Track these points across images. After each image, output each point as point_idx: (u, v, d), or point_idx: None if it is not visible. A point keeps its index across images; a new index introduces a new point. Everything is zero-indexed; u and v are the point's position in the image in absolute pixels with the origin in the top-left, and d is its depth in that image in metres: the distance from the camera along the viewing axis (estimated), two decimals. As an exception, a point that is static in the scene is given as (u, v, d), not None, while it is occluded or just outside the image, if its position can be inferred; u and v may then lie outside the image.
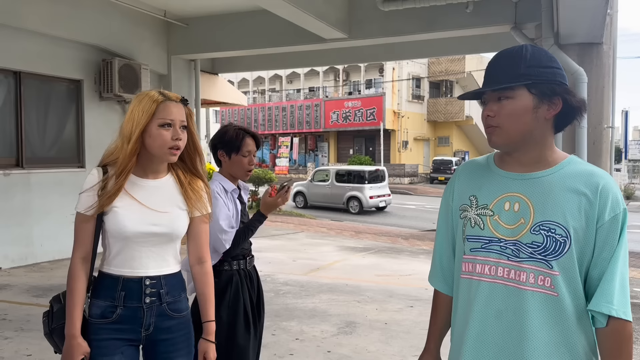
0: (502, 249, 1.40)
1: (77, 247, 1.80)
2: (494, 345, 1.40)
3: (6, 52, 6.66)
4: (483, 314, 1.41)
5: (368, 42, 7.82)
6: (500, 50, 1.47)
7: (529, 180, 1.42)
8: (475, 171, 1.54)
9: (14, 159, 6.96)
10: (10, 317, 4.75)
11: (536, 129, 1.41)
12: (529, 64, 1.38)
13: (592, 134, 5.78)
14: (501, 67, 1.42)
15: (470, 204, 1.48)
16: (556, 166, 1.42)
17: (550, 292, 1.35)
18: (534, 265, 1.36)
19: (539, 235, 1.36)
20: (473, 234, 1.46)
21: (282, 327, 4.61)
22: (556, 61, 1.42)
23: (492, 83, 1.42)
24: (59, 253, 7.31)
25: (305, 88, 34.35)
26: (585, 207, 1.36)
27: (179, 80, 8.95)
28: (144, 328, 1.80)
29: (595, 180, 1.38)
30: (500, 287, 1.40)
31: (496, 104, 1.42)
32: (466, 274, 1.47)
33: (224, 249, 2.35)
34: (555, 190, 1.38)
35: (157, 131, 1.76)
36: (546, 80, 1.38)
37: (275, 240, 9.64)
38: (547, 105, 1.39)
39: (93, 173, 1.82)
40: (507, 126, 1.41)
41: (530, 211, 1.39)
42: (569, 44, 5.81)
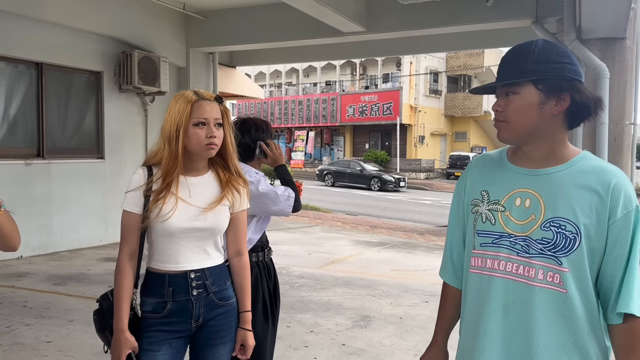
0: (512, 245, 1.40)
1: (123, 244, 1.86)
2: (502, 340, 1.40)
3: (28, 44, 6.76)
4: (491, 309, 1.42)
5: (386, 35, 7.78)
6: (514, 46, 1.47)
7: (540, 176, 1.42)
8: (487, 166, 1.54)
9: (35, 149, 7.08)
10: (31, 305, 4.85)
11: (543, 125, 1.40)
12: (536, 59, 1.38)
13: (613, 131, 5.69)
14: (510, 62, 1.43)
15: (482, 199, 1.49)
16: (568, 162, 1.41)
17: (559, 289, 1.35)
18: (544, 261, 1.36)
19: (549, 232, 1.36)
20: (484, 229, 1.46)
21: (297, 320, 4.64)
22: (567, 56, 1.40)
23: (501, 78, 1.43)
24: (78, 242, 7.44)
25: (322, 82, 34.30)
26: (597, 204, 1.35)
27: (197, 73, 9.00)
28: (194, 319, 1.87)
29: (608, 177, 1.37)
30: (509, 282, 1.40)
31: (504, 99, 1.43)
32: (476, 268, 1.47)
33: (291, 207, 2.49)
34: (567, 186, 1.38)
35: (192, 130, 1.82)
36: (554, 76, 1.37)
37: (290, 234, 9.68)
38: (555, 101, 1.38)
39: (139, 172, 1.87)
40: (513, 121, 1.41)
41: (541, 207, 1.38)
42: (591, 38, 5.72)
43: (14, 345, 3.86)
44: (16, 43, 6.63)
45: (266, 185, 2.44)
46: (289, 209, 2.48)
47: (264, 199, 2.42)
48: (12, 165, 6.69)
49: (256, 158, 2.57)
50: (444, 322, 1.64)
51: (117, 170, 7.93)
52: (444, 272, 1.66)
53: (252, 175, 2.47)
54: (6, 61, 6.71)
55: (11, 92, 6.82)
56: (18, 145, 6.94)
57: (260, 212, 2.47)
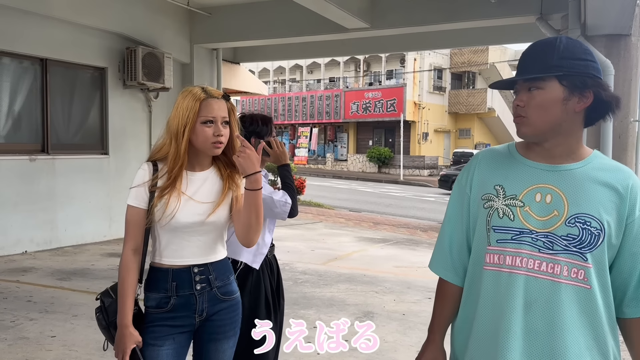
0: (534, 241, 1.39)
1: (128, 239, 1.86)
2: (523, 338, 1.38)
3: (33, 40, 6.78)
4: (513, 306, 1.39)
5: (390, 32, 7.77)
6: (535, 41, 1.46)
7: (560, 172, 1.41)
8: (497, 160, 1.51)
9: (40, 145, 7.10)
10: (36, 299, 4.87)
11: (565, 121, 1.40)
12: (561, 55, 1.37)
13: (617, 128, 5.67)
14: (534, 57, 1.42)
15: (497, 193, 1.45)
16: (585, 159, 1.42)
17: (584, 285, 1.36)
18: (569, 257, 1.36)
19: (575, 228, 1.36)
20: (501, 225, 1.43)
21: (300, 315, 4.65)
22: (591, 54, 1.41)
23: (524, 73, 1.42)
24: (82, 238, 7.46)
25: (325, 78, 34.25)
26: (617, 202, 1.37)
27: (201, 69, 9.01)
28: (198, 314, 1.88)
29: (626, 177, 1.40)
30: (532, 279, 1.38)
31: (526, 94, 1.42)
32: (492, 265, 1.44)
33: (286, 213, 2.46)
34: (587, 183, 1.39)
35: (200, 128, 1.83)
36: (578, 73, 1.37)
37: (294, 230, 9.69)
38: (578, 97, 1.38)
39: (144, 168, 1.87)
40: (535, 117, 1.40)
41: (564, 203, 1.38)
42: (596, 35, 5.70)
43: (18, 339, 3.88)
44: (21, 39, 6.65)
45: (264, 189, 2.40)
46: (284, 214, 2.46)
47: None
48: (17, 160, 6.72)
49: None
50: (442, 321, 1.60)
51: (121, 166, 7.95)
52: (441, 268, 1.60)
53: None
54: (11, 57, 6.73)
55: (16, 88, 6.84)
56: (23, 140, 6.96)
57: None
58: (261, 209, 1.86)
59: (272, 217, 2.48)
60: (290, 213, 2.48)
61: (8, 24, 6.48)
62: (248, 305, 2.41)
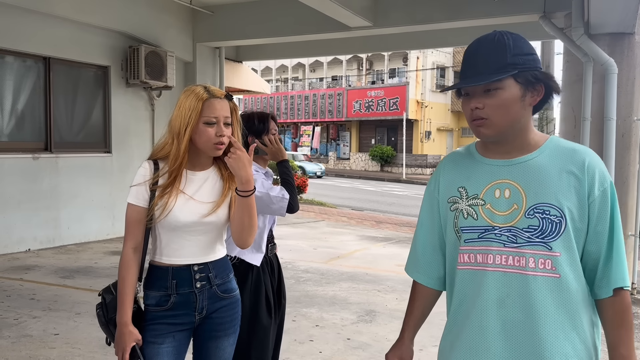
0: (498, 237, 1.41)
1: (128, 238, 1.86)
2: (502, 333, 1.39)
3: (36, 38, 6.79)
4: (486, 303, 1.41)
5: (393, 30, 7.76)
6: (477, 39, 1.44)
7: (516, 165, 1.43)
8: (459, 162, 1.54)
9: (43, 143, 7.12)
10: (39, 297, 4.89)
11: (523, 117, 1.42)
12: (513, 52, 1.38)
13: (621, 127, 5.65)
14: (485, 57, 1.40)
15: (461, 195, 1.49)
16: (539, 148, 1.43)
17: (553, 275, 1.37)
18: (533, 249, 1.37)
19: (535, 219, 1.37)
20: (468, 225, 1.45)
21: (302, 314, 4.65)
22: (532, 47, 1.42)
23: (477, 75, 1.39)
24: (85, 236, 7.49)
25: (328, 77, 34.24)
26: (575, 185, 1.38)
27: (204, 67, 9.01)
28: (197, 312, 1.88)
29: (581, 157, 1.40)
30: (502, 274, 1.40)
31: (484, 96, 1.40)
32: (465, 264, 1.46)
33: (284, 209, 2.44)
34: (543, 172, 1.40)
35: (203, 128, 1.82)
36: (529, 68, 1.39)
37: (296, 228, 9.70)
38: (532, 92, 1.41)
39: (145, 166, 1.87)
40: (497, 117, 1.40)
41: (522, 196, 1.40)
42: (599, 33, 5.68)
43: (22, 337, 3.90)
44: (24, 37, 6.66)
45: (262, 186, 2.40)
46: (282, 210, 2.44)
47: (258, 201, 2.39)
48: (20, 159, 6.73)
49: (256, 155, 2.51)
50: (411, 320, 1.64)
51: (124, 165, 7.97)
52: (414, 270, 1.65)
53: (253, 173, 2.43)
54: (14, 55, 6.75)
55: (19, 87, 6.86)
56: (26, 139, 6.98)
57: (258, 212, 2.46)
58: (254, 210, 1.86)
59: (271, 213, 2.47)
60: (289, 209, 2.46)
61: (11, 22, 6.50)
62: (248, 304, 2.41)
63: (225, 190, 1.91)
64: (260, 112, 2.58)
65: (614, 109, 5.54)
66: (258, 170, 2.48)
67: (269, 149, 2.51)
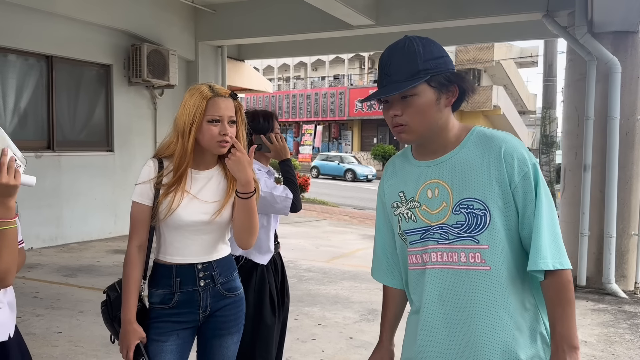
0: (433, 235, 1.45)
1: (133, 236, 1.87)
2: (444, 328, 1.44)
3: (39, 37, 6.80)
4: (429, 300, 1.46)
5: (396, 29, 7.73)
6: (389, 47, 1.47)
7: (441, 164, 1.47)
8: (399, 166, 1.59)
9: (45, 142, 7.13)
10: (42, 295, 4.90)
11: (441, 119, 1.45)
12: (424, 58, 1.41)
13: (624, 126, 5.63)
14: (397, 65, 1.42)
15: (401, 200, 1.54)
16: (461, 143, 1.46)
17: (483, 267, 1.39)
18: (463, 244, 1.41)
19: (461, 214, 1.41)
20: (409, 228, 1.50)
21: (304, 313, 4.65)
22: (443, 49, 1.46)
23: (392, 83, 1.42)
24: (87, 235, 7.49)
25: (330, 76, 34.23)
26: (495, 175, 1.39)
27: (206, 66, 9.00)
28: (201, 310, 1.88)
29: (497, 145, 1.41)
30: (439, 271, 1.44)
31: (401, 103, 1.43)
32: (413, 265, 1.52)
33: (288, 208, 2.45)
34: (465, 167, 1.43)
35: (207, 126, 1.82)
36: (441, 71, 1.41)
37: (298, 227, 9.70)
38: (446, 94, 1.44)
39: (149, 165, 1.87)
40: (415, 123, 1.44)
41: (449, 193, 1.43)
42: (603, 32, 5.65)
43: (25, 335, 3.87)
44: (27, 36, 6.66)
45: (265, 185, 2.40)
46: (285, 209, 2.45)
47: (262, 200, 2.39)
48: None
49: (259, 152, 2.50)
50: (386, 322, 1.68)
51: (126, 163, 7.97)
52: (379, 274, 1.68)
53: (255, 171, 2.43)
54: (17, 54, 6.75)
55: (22, 85, 6.86)
56: (28, 137, 6.98)
57: (262, 211, 2.45)
58: (254, 212, 1.87)
59: (274, 212, 2.47)
60: (292, 208, 2.47)
61: (14, 21, 6.50)
62: (253, 302, 2.41)
63: (230, 190, 1.90)
64: (265, 111, 2.58)
65: (617, 108, 5.52)
66: (260, 169, 2.48)
67: (273, 146, 2.51)
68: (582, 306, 5.18)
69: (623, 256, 5.74)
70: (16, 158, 1.54)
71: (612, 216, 5.57)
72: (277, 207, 2.43)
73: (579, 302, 5.31)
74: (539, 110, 22.08)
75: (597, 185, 5.69)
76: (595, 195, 5.70)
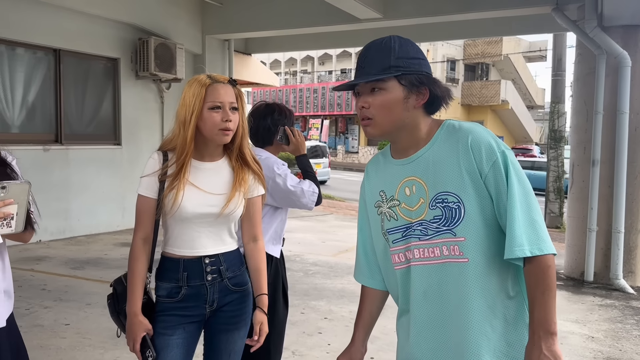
0: (414, 232, 1.46)
1: (138, 229, 1.86)
2: (429, 323, 1.46)
3: (47, 30, 6.81)
4: (415, 297, 1.48)
5: (403, 22, 7.69)
6: (370, 42, 1.49)
7: (415, 161, 1.48)
8: (378, 166, 1.60)
9: (53, 135, 7.16)
10: (50, 288, 4.93)
11: (407, 118, 1.46)
12: (397, 55, 1.43)
13: (634, 120, 5.59)
14: (372, 59, 1.46)
15: (382, 199, 1.55)
16: (432, 139, 1.47)
17: (461, 260, 1.40)
18: (441, 237, 1.42)
19: (437, 209, 1.42)
20: (391, 227, 1.51)
21: (310, 306, 4.66)
22: (421, 52, 1.47)
23: (363, 75, 1.45)
24: (95, 227, 7.54)
25: (337, 70, 34.13)
26: (465, 166, 1.40)
27: (213, 60, 9.00)
28: (208, 304, 1.88)
29: (464, 136, 1.42)
30: (423, 268, 1.46)
31: (370, 95, 1.46)
32: (398, 264, 1.52)
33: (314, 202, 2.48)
34: (438, 162, 1.44)
35: (208, 114, 1.81)
36: (414, 72, 1.43)
37: (304, 222, 9.70)
38: (416, 95, 1.44)
39: (154, 157, 1.87)
40: (380, 117, 1.45)
41: (424, 189, 1.45)
42: (612, 26, 5.60)
43: (33, 327, 3.94)
44: (35, 29, 6.68)
45: (293, 180, 2.42)
46: (312, 204, 2.48)
47: (291, 195, 2.41)
48: (31, 150, 6.78)
49: (276, 143, 2.51)
50: (361, 322, 1.70)
51: (134, 157, 8.00)
52: (359, 275, 1.70)
53: (280, 167, 2.43)
54: (25, 47, 6.78)
55: (30, 78, 6.89)
56: (37, 130, 7.02)
57: (286, 205, 2.47)
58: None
59: (300, 207, 2.48)
60: (316, 202, 2.51)
61: (22, 14, 6.52)
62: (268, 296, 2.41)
63: (236, 182, 1.89)
64: (286, 106, 2.61)
65: (626, 103, 5.47)
66: (284, 164, 2.49)
67: (295, 140, 2.51)
68: (589, 302, 5.16)
69: (631, 252, 5.71)
70: (13, 217, 1.50)
71: (620, 211, 5.54)
72: (303, 202, 2.45)
73: (586, 298, 5.29)
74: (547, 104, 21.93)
75: (606, 181, 5.65)
76: (604, 191, 5.66)
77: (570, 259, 6.07)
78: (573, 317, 4.69)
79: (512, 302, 1.43)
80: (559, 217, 10.36)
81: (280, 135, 2.48)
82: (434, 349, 1.45)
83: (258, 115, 2.53)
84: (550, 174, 10.51)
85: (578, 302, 5.15)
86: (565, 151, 10.68)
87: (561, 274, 6.11)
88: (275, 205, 2.44)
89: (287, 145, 2.51)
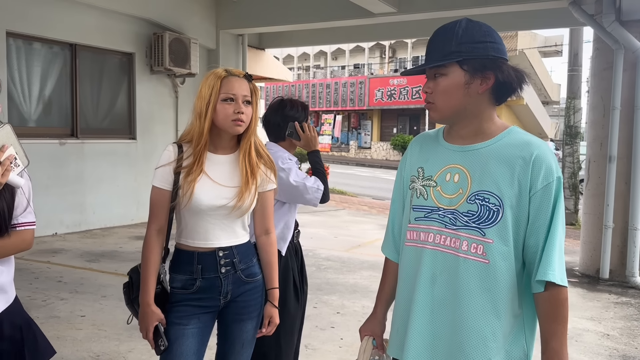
0: (441, 218, 1.46)
1: (152, 220, 1.89)
2: (430, 308, 1.47)
3: (63, 25, 6.88)
4: (421, 279, 1.48)
5: (418, 16, 7.64)
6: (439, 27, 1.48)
7: (468, 152, 1.47)
8: (425, 144, 1.60)
9: (69, 129, 7.24)
10: (66, 280, 5.00)
11: (470, 104, 1.45)
12: (460, 40, 1.41)
13: (652, 116, 5.50)
14: (436, 44, 1.46)
15: (418, 175, 1.55)
16: (495, 137, 1.46)
17: (482, 260, 1.40)
18: (469, 233, 1.42)
19: (475, 205, 1.42)
20: (418, 204, 1.52)
21: (323, 301, 4.67)
22: (491, 35, 1.43)
23: (428, 61, 1.46)
24: (110, 221, 7.61)
25: (350, 65, 34.05)
26: (519, 176, 1.40)
27: (227, 55, 9.03)
28: (222, 296, 1.91)
29: (530, 150, 1.41)
30: (438, 253, 1.46)
31: (432, 81, 1.47)
32: (411, 241, 1.53)
33: (319, 199, 2.47)
34: (492, 160, 1.43)
35: (221, 105, 1.84)
36: (477, 56, 1.41)
37: (316, 216, 9.71)
38: (480, 80, 1.42)
39: (169, 149, 1.89)
40: (440, 102, 1.46)
41: (468, 182, 1.44)
42: (631, 20, 5.51)
43: (50, 318, 3.99)
44: (51, 24, 6.75)
45: (297, 175, 2.42)
46: (316, 201, 2.47)
47: (294, 190, 2.41)
48: (47, 144, 6.86)
49: (287, 139, 2.50)
50: (383, 295, 1.71)
51: (148, 151, 8.06)
52: (386, 247, 1.71)
53: (285, 161, 2.43)
54: (41, 42, 6.85)
55: (46, 73, 6.97)
56: (53, 124, 7.10)
57: (290, 201, 2.47)
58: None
59: (304, 203, 2.48)
60: (322, 199, 2.49)
61: (39, 9, 6.58)
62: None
63: (249, 175, 1.90)
64: (302, 101, 2.59)
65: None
66: (291, 159, 2.49)
67: (305, 135, 2.50)
68: (604, 299, 5.11)
69: (648, 249, 5.64)
70: (16, 157, 1.50)
71: (637, 208, 5.47)
72: (307, 198, 2.44)
73: (601, 295, 5.24)
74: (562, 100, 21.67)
75: (622, 177, 5.58)
76: (620, 187, 5.59)
77: (586, 256, 6.01)
78: (588, 314, 4.65)
79: (515, 320, 1.44)
80: (574, 214, 10.26)
81: (290, 130, 2.47)
82: (422, 333, 1.46)
83: (271, 111, 2.54)
84: (566, 170, 10.40)
85: (593, 300, 5.10)
86: (580, 147, 10.57)
87: (576, 271, 6.05)
88: (282, 200, 2.45)
89: (298, 140, 2.51)
